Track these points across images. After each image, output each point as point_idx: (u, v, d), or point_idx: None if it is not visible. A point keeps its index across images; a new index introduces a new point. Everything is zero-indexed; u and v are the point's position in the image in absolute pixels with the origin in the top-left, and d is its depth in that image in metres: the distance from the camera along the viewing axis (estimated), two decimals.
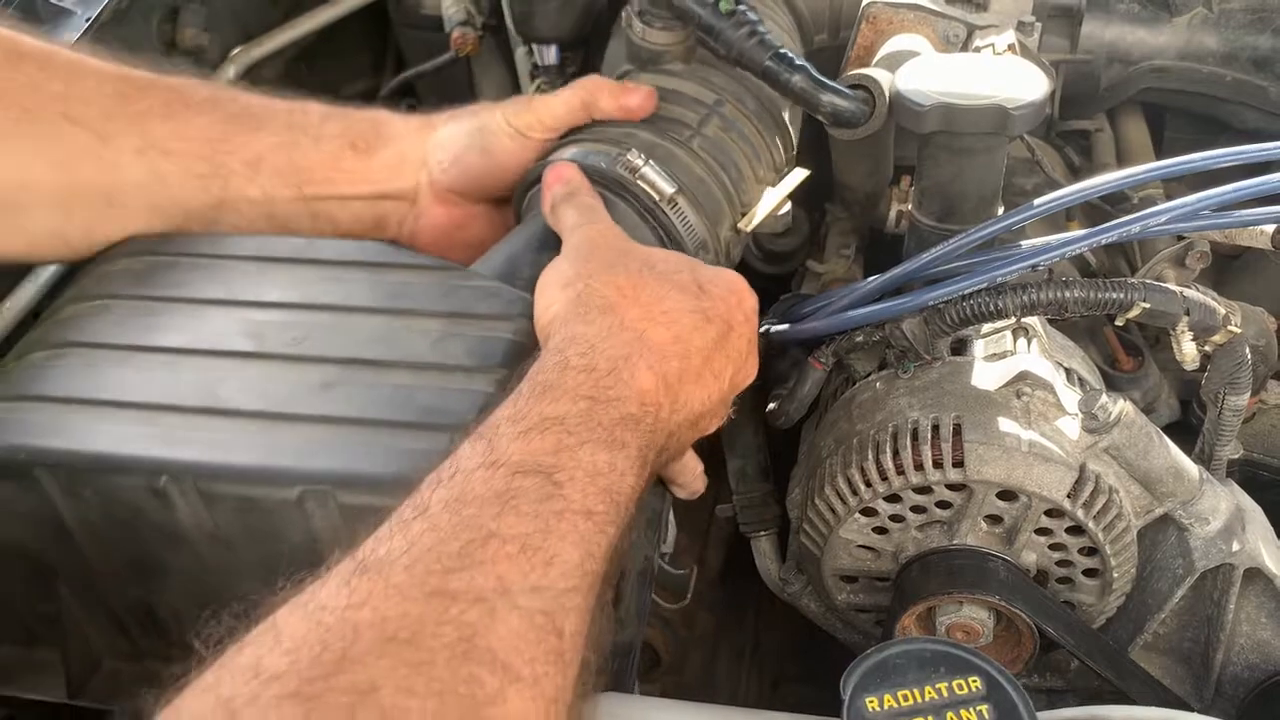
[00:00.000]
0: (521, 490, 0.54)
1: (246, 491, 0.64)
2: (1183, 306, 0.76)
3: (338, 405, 0.66)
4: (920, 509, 0.81)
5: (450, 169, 0.86)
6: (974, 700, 0.52)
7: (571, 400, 0.60)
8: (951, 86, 0.82)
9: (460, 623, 0.48)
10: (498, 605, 0.49)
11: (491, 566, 0.51)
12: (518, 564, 0.51)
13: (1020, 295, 0.75)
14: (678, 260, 0.73)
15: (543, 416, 0.59)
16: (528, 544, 0.52)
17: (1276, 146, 0.82)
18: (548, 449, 0.57)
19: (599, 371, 0.63)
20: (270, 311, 0.73)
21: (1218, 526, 0.81)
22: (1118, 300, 0.75)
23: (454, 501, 0.54)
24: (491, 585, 0.50)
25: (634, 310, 0.67)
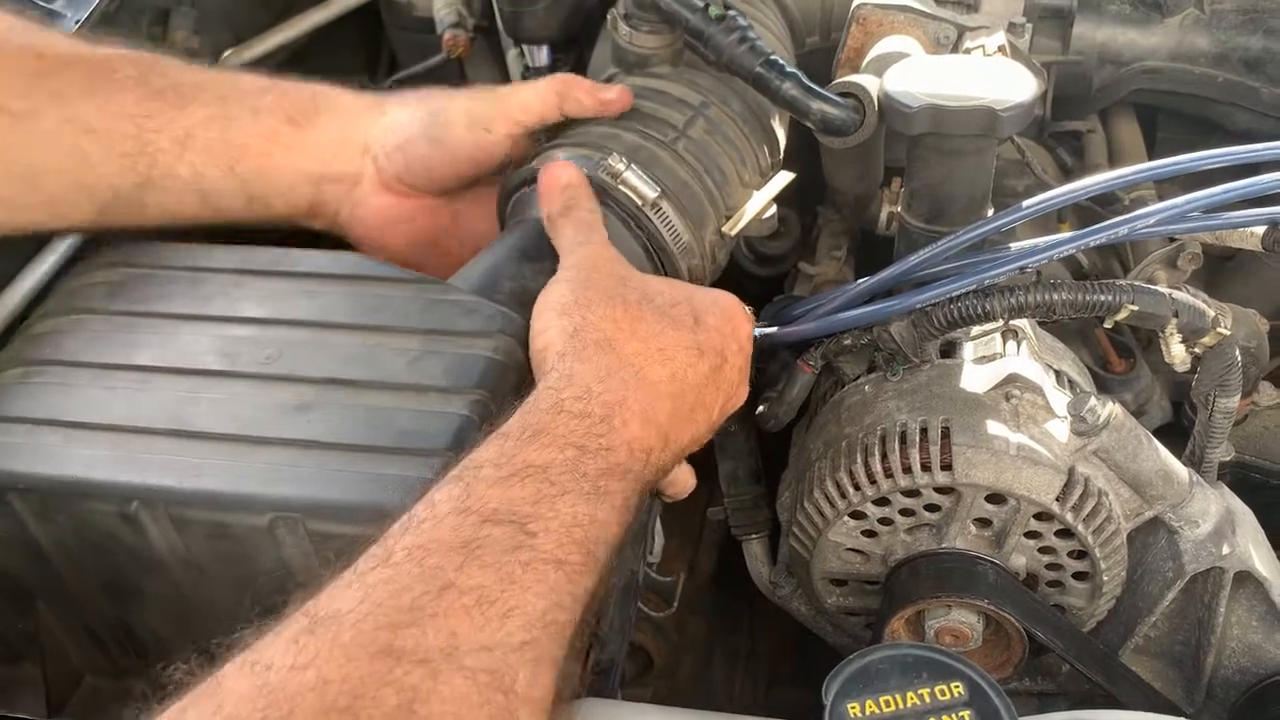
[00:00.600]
0: (490, 540, 0.53)
1: (217, 517, 0.64)
2: (1171, 308, 0.76)
3: (311, 428, 0.66)
4: (909, 512, 0.81)
5: (395, 155, 0.83)
6: (956, 706, 0.52)
7: (559, 448, 0.59)
8: (940, 88, 0.82)
9: (402, 686, 0.46)
10: (442, 667, 0.48)
11: (444, 620, 0.49)
12: (471, 618, 0.50)
13: (1008, 298, 0.75)
14: (674, 291, 0.72)
15: (526, 463, 0.58)
16: (485, 596, 0.51)
17: (1267, 148, 0.82)
18: (526, 498, 0.56)
19: (592, 418, 0.62)
20: (244, 328, 0.73)
21: (1208, 529, 0.81)
22: (1106, 303, 0.75)
23: (418, 549, 0.52)
24: (440, 643, 0.48)
25: (631, 345, 0.67)
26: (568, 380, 0.63)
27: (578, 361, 0.65)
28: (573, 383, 0.63)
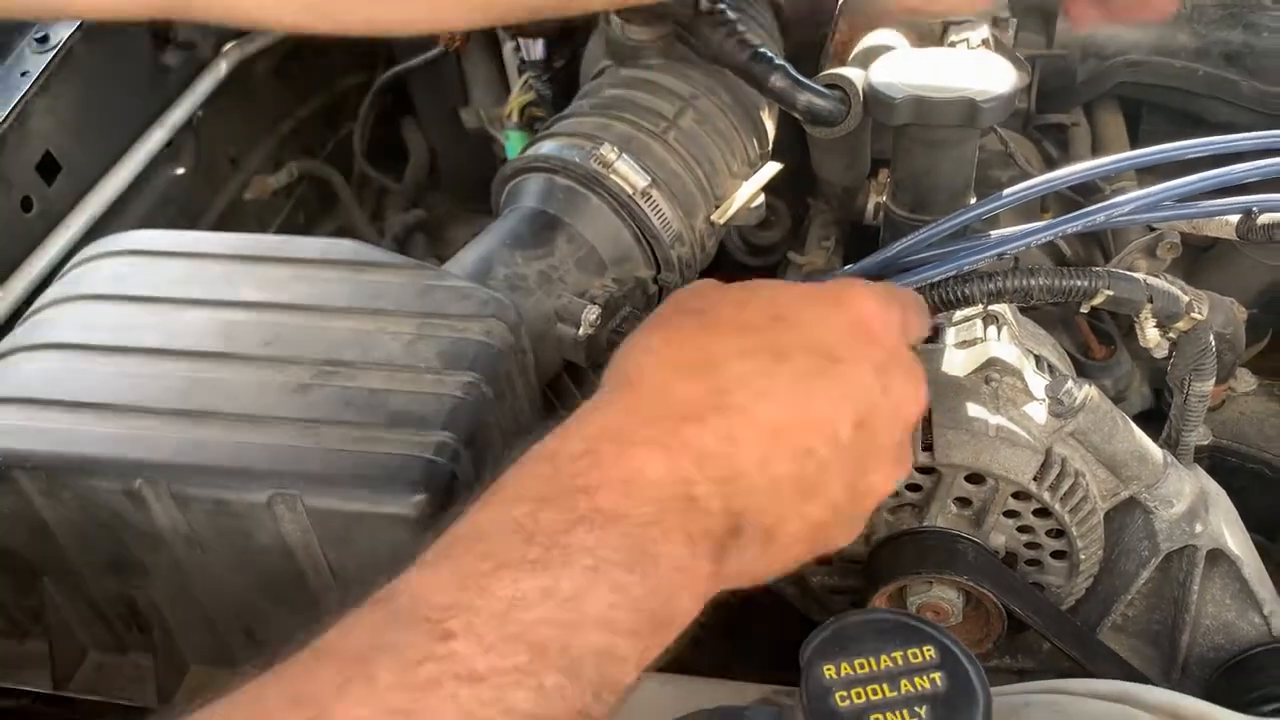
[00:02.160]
0: (389, 649, 0.40)
1: (217, 494, 0.66)
2: (1146, 294, 0.78)
3: (309, 408, 0.68)
4: (892, 492, 0.83)
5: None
6: (928, 669, 0.54)
7: (507, 504, 0.44)
8: (923, 80, 0.84)
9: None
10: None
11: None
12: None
13: (986, 283, 0.77)
14: (761, 287, 0.54)
15: (466, 532, 0.44)
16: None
17: (1244, 138, 0.84)
18: (448, 584, 0.42)
19: (565, 455, 0.46)
20: (245, 312, 0.75)
21: (1182, 509, 0.83)
22: (1082, 288, 0.77)
23: (315, 656, 0.41)
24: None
25: (658, 375, 0.50)
26: (563, 424, 0.49)
27: (593, 403, 0.50)
28: (566, 424, 0.48)
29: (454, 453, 0.66)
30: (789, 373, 0.50)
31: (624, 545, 0.44)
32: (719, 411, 0.48)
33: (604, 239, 0.85)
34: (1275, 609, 0.83)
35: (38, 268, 1.01)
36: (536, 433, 0.50)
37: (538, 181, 0.88)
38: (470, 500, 0.47)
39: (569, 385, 0.86)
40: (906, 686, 0.53)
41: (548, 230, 0.85)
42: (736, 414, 0.49)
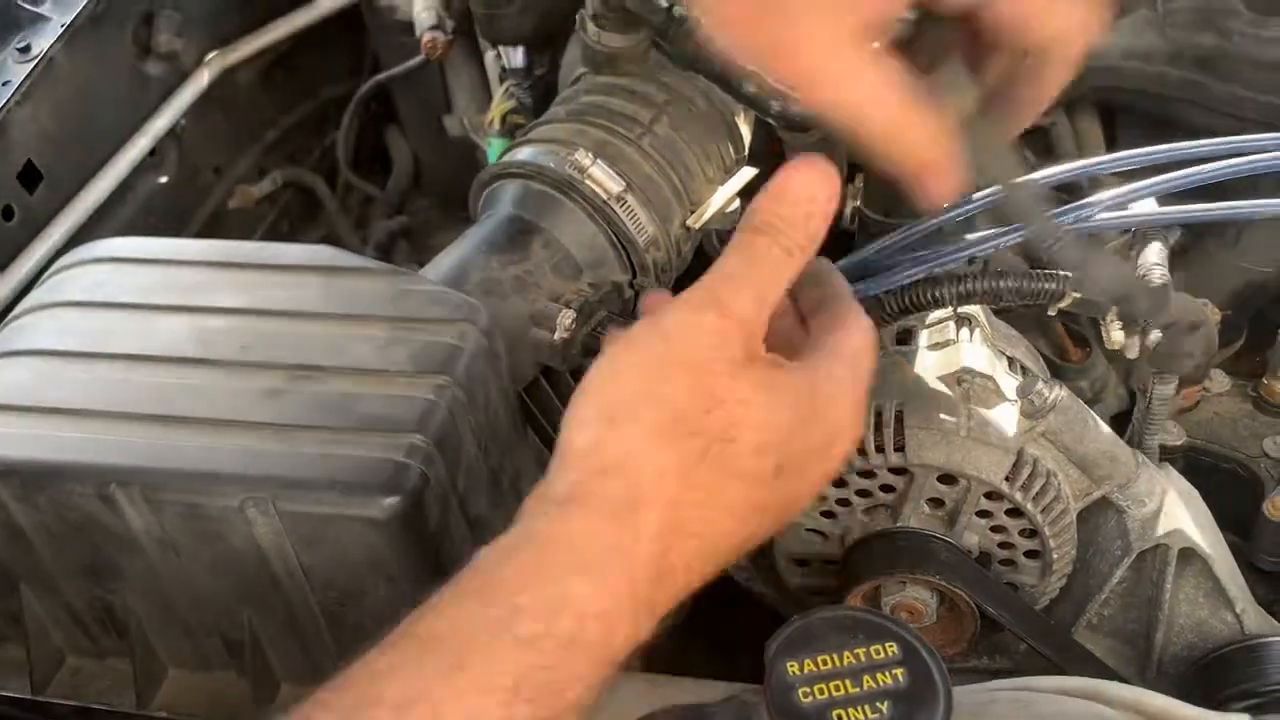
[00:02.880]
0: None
1: (190, 498, 0.67)
2: None
3: (282, 412, 0.69)
4: (865, 493, 0.84)
5: None
6: (890, 664, 0.54)
7: (480, 696, 0.46)
8: None
9: None
10: None
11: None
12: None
13: (956, 285, 0.78)
14: (775, 425, 0.54)
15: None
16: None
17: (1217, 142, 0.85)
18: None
19: (550, 640, 0.47)
20: (221, 318, 0.76)
21: (1153, 508, 0.84)
22: (1050, 290, 0.78)
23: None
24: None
25: (660, 515, 0.51)
26: (545, 566, 0.49)
27: (568, 531, 0.50)
28: (547, 575, 0.49)
29: (425, 455, 0.67)
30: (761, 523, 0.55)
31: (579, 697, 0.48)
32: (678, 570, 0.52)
33: (579, 244, 0.86)
34: (1247, 607, 0.84)
35: (18, 276, 1.01)
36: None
37: (513, 187, 0.88)
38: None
39: (545, 389, 0.87)
40: (869, 682, 0.54)
41: (523, 235, 0.86)
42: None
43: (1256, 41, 1.09)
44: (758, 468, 0.53)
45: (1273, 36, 1.09)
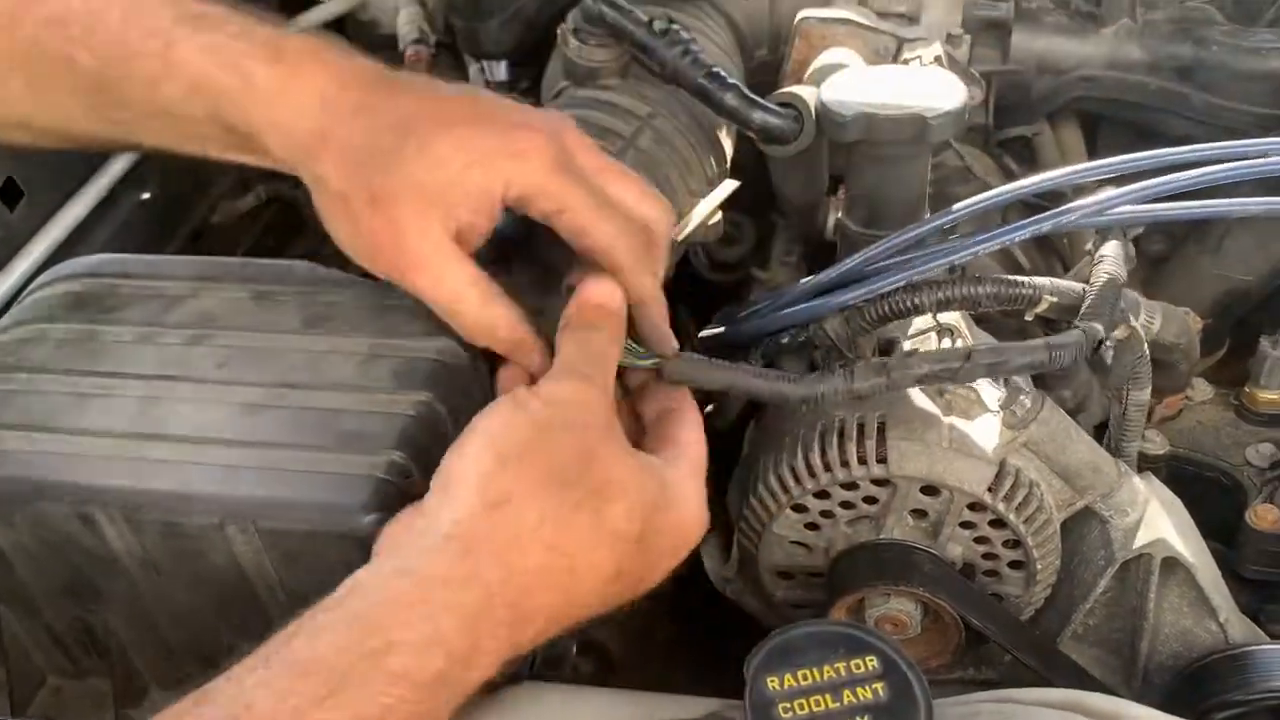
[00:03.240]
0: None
1: (169, 517, 0.66)
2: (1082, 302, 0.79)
3: (260, 430, 0.68)
4: (848, 504, 0.83)
5: None
6: (870, 678, 0.54)
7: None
8: (873, 97, 0.85)
9: None
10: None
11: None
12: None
13: (935, 292, 0.78)
14: (642, 495, 0.59)
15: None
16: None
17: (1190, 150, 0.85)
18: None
19: (420, 675, 0.51)
20: (200, 335, 0.75)
21: (1137, 518, 0.84)
22: (1026, 295, 0.78)
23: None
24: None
25: (535, 559, 0.55)
26: (421, 605, 0.53)
27: (450, 568, 0.54)
28: (423, 616, 0.52)
29: (405, 472, 0.66)
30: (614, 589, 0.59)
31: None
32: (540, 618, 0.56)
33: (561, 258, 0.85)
34: (1231, 616, 0.84)
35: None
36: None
37: None
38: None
39: None
40: (849, 697, 0.54)
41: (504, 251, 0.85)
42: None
43: (1235, 51, 1.10)
44: (626, 531, 0.58)
45: (1251, 47, 1.10)
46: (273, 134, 0.69)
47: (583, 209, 0.68)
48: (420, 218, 0.66)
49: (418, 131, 0.66)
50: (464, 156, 0.66)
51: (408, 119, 0.67)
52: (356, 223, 0.68)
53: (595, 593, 0.58)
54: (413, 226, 0.66)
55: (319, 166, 0.68)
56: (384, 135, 0.66)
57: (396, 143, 0.66)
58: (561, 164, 0.68)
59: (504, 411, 0.60)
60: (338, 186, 0.67)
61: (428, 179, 0.65)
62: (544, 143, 0.67)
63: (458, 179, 0.66)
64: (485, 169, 0.66)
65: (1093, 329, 0.74)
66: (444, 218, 0.66)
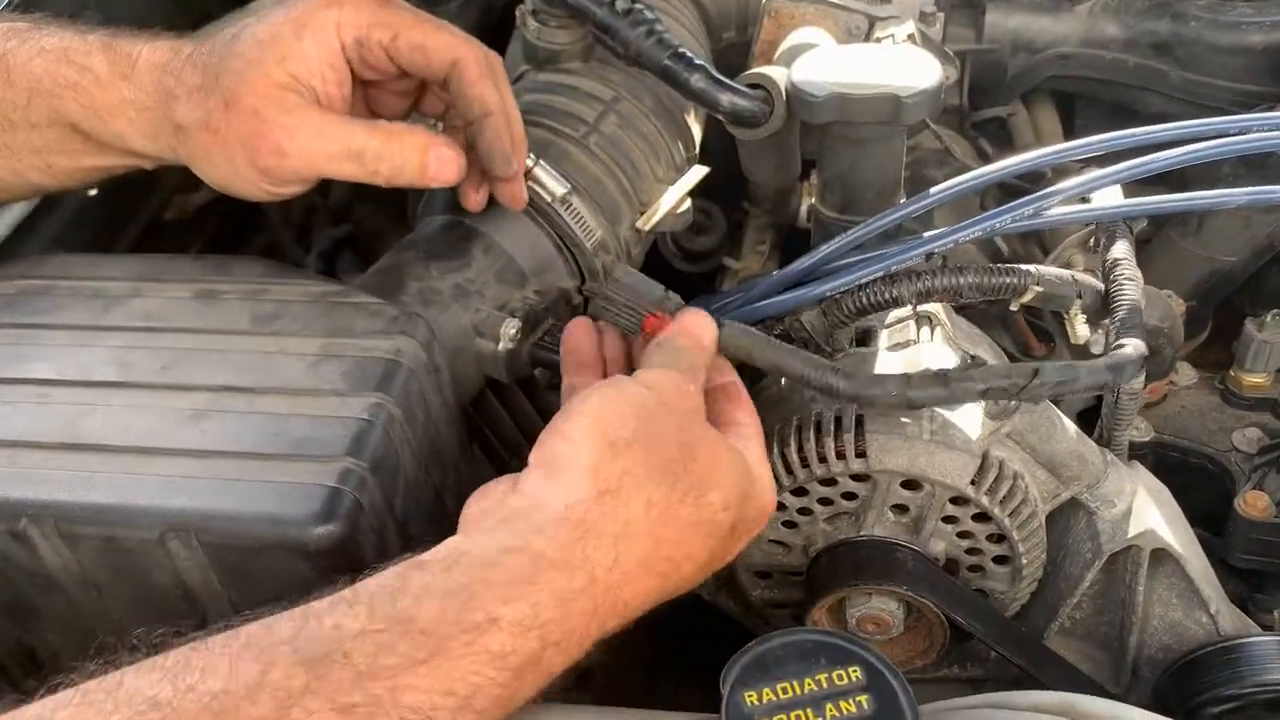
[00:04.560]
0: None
1: (107, 532, 0.62)
2: (1075, 289, 0.76)
3: (205, 437, 0.65)
4: (827, 501, 0.80)
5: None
6: (854, 690, 0.51)
7: (440, 696, 0.47)
8: (846, 77, 0.82)
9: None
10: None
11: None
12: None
13: (915, 282, 0.75)
14: (735, 484, 0.60)
15: (388, 700, 0.46)
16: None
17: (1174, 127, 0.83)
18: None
19: (514, 658, 0.49)
20: (140, 337, 0.71)
21: (1124, 508, 0.81)
22: (1011, 285, 0.75)
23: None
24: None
25: (640, 546, 0.55)
26: (527, 581, 0.51)
27: (561, 548, 0.53)
28: (528, 594, 0.51)
29: (360, 480, 0.63)
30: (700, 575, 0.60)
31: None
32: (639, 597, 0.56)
33: (523, 249, 0.82)
34: (1221, 607, 0.81)
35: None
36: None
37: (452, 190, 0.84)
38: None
39: (491, 402, 0.83)
40: (832, 711, 0.51)
41: (463, 241, 0.82)
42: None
43: (1213, 26, 1.08)
44: (722, 521, 0.59)
45: (1230, 21, 1.07)
46: (122, 117, 0.70)
47: (415, 25, 0.71)
48: (275, 96, 0.67)
49: (245, 28, 0.69)
50: (289, 28, 0.68)
51: (234, 33, 0.69)
52: (224, 135, 0.68)
53: (688, 580, 0.59)
54: (271, 105, 0.67)
55: (175, 115, 0.69)
56: (217, 52, 0.69)
57: (229, 47, 0.69)
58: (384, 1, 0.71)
59: (607, 394, 0.60)
60: (195, 117, 0.68)
61: (267, 57, 0.67)
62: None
63: (295, 49, 0.68)
64: (314, 28, 0.68)
65: (1139, 345, 0.71)
66: (297, 88, 0.68)
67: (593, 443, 0.56)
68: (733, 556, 0.64)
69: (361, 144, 0.69)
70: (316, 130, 0.68)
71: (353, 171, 0.70)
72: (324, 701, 0.45)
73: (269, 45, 0.68)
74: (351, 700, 0.45)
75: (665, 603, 0.70)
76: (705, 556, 0.59)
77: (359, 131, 0.69)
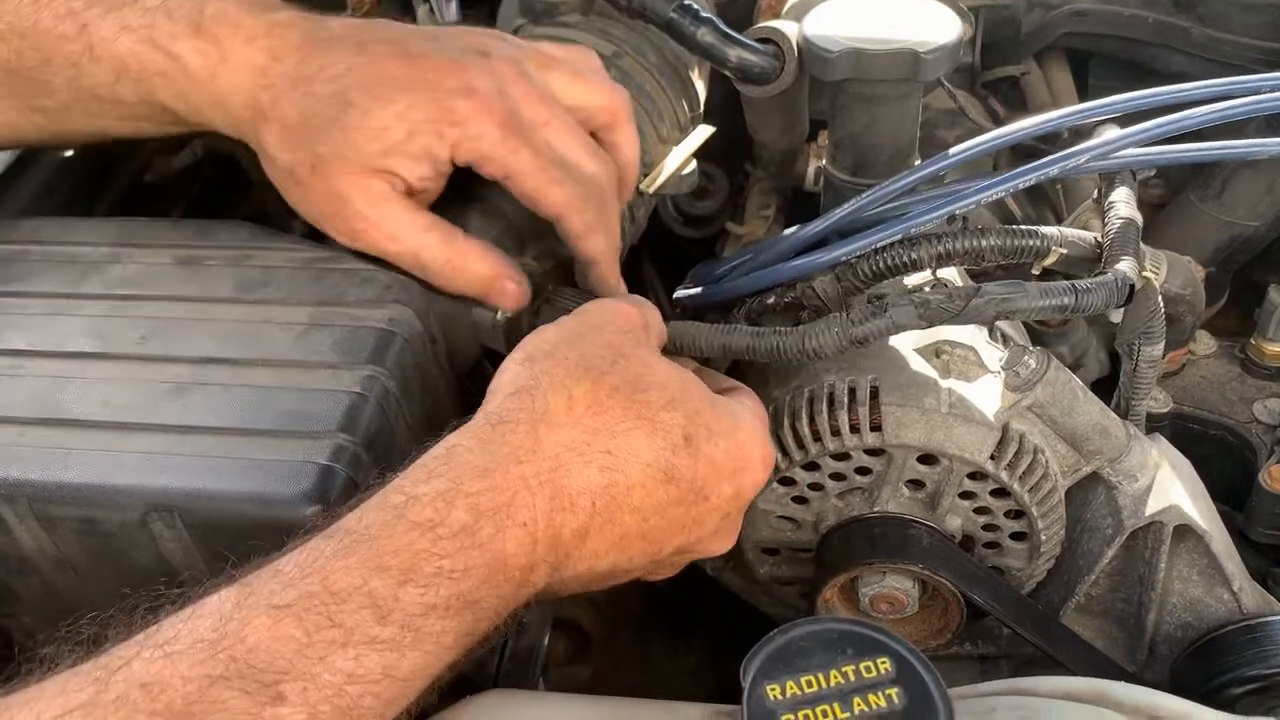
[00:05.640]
0: (218, 709, 0.42)
1: (85, 512, 0.59)
2: (1097, 252, 0.73)
3: (187, 412, 0.61)
4: (839, 476, 0.77)
5: None
6: (883, 684, 0.48)
7: (371, 571, 0.47)
8: (861, 31, 0.78)
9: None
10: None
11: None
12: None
13: (935, 245, 0.72)
14: (681, 396, 0.58)
15: (316, 589, 0.46)
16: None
17: (1199, 86, 0.80)
18: (293, 643, 0.44)
19: (444, 529, 0.49)
20: (119, 305, 0.67)
21: (1146, 483, 0.78)
22: (1034, 247, 0.72)
23: (127, 699, 0.42)
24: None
25: (565, 434, 0.54)
26: (444, 465, 0.52)
27: (478, 440, 0.54)
28: (445, 472, 0.52)
29: (352, 457, 0.59)
30: (666, 495, 0.57)
31: (470, 629, 0.49)
32: (600, 513, 0.54)
33: (521, 212, 0.78)
34: (1245, 584, 0.79)
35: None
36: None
37: None
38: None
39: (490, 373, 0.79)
40: (860, 705, 0.48)
41: (460, 204, 0.77)
42: (618, 519, 0.55)
43: None
44: (666, 423, 0.56)
45: None
46: (214, 113, 0.69)
47: (528, 175, 0.67)
48: (364, 183, 0.66)
49: (357, 103, 0.65)
50: (405, 126, 0.65)
51: (344, 89, 0.65)
52: (305, 192, 0.68)
53: (645, 486, 0.55)
54: (357, 192, 0.66)
55: (262, 140, 0.68)
56: (321, 106, 0.65)
57: (335, 113, 0.65)
58: (507, 124, 0.66)
59: (538, 329, 0.62)
60: (281, 159, 0.67)
61: (369, 148, 0.65)
62: (486, 108, 0.65)
63: (400, 147, 0.65)
64: (428, 136, 0.65)
65: (1122, 273, 0.67)
66: (388, 179, 0.66)
67: (513, 361, 0.59)
68: (715, 497, 0.59)
69: (431, 258, 0.68)
70: (393, 231, 0.67)
71: (417, 272, 0.69)
72: (258, 608, 0.45)
73: (376, 137, 0.65)
74: (285, 600, 0.45)
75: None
76: (658, 461, 0.56)
77: (432, 244, 0.68)
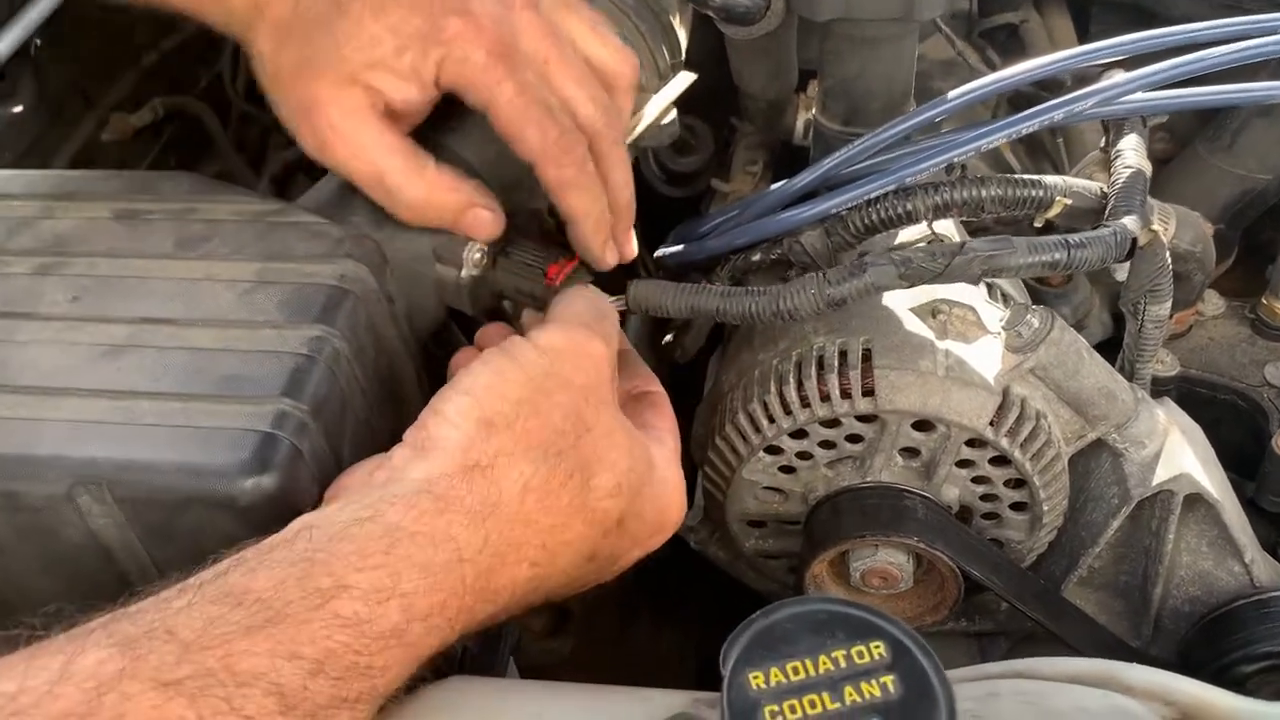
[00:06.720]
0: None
1: (6, 486, 0.54)
2: (1102, 203, 0.68)
3: (120, 377, 0.56)
4: (829, 444, 0.73)
5: None
6: (877, 670, 0.44)
7: (283, 660, 0.43)
8: None
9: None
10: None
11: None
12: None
13: (932, 195, 0.67)
14: (631, 472, 0.56)
15: (219, 669, 0.41)
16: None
17: (1208, 26, 0.75)
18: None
19: (371, 627, 0.45)
20: (50, 262, 0.62)
21: (1154, 450, 0.74)
22: (1037, 197, 0.67)
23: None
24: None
25: (512, 531, 0.51)
26: (383, 556, 0.47)
27: (422, 526, 0.49)
28: (385, 564, 0.46)
29: (299, 424, 0.55)
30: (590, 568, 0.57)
31: (374, 707, 0.46)
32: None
33: (488, 163, 0.72)
34: (1257, 556, 0.75)
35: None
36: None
37: None
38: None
39: (455, 334, 0.74)
40: (852, 695, 0.43)
41: None
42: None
43: None
44: (606, 511, 0.55)
45: None
46: (212, 6, 0.66)
47: (505, 109, 0.62)
48: (343, 93, 0.62)
49: (351, 11, 0.62)
50: (395, 40, 0.61)
51: (344, 4, 0.62)
52: (285, 94, 0.64)
53: (566, 572, 0.55)
54: (333, 101, 0.62)
55: (255, 36, 0.65)
56: (318, 8, 0.63)
57: (329, 17, 0.62)
58: (496, 51, 0.62)
59: (494, 365, 0.55)
60: (270, 58, 0.64)
61: (356, 58, 0.61)
62: (476, 29, 0.61)
63: (387, 61, 0.62)
64: (416, 54, 0.61)
65: (1123, 226, 0.63)
66: (368, 93, 0.62)
67: (469, 420, 0.53)
68: (628, 559, 0.60)
69: (395, 183, 0.63)
70: (359, 147, 0.63)
71: (380, 198, 0.64)
72: (144, 682, 0.40)
73: (364, 47, 0.61)
74: (177, 675, 0.40)
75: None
76: (586, 548, 0.55)
77: (397, 167, 0.63)
